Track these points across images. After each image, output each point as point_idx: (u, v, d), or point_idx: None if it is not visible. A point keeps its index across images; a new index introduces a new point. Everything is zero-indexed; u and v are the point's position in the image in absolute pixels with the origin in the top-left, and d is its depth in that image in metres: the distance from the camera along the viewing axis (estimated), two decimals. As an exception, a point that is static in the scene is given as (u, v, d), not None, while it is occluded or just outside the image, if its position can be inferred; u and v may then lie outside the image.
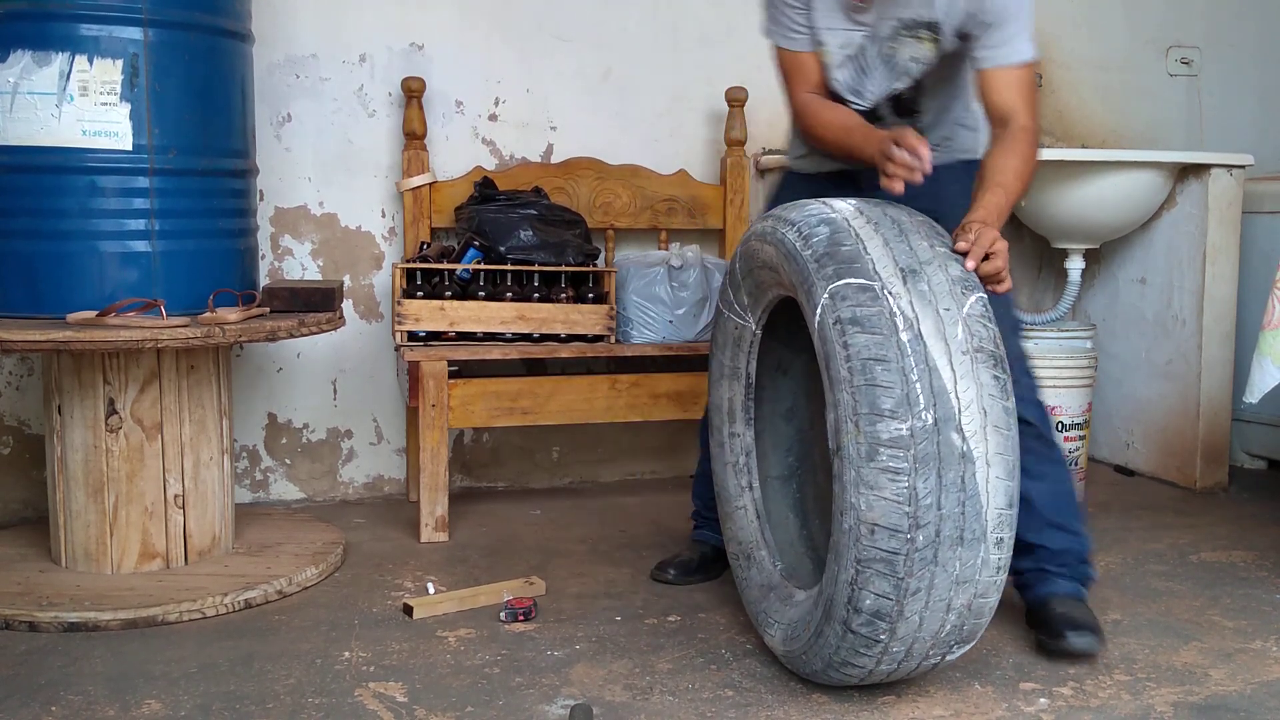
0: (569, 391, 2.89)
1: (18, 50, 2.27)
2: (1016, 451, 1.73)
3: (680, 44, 3.34)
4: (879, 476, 1.66)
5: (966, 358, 1.71)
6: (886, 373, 1.66)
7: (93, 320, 2.25)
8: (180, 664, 2.04)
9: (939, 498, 1.66)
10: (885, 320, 1.69)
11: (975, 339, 1.73)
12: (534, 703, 1.90)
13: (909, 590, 1.68)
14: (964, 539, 1.69)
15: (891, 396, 1.66)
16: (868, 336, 1.69)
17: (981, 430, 1.69)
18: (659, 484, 3.41)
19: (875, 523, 1.66)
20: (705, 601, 2.38)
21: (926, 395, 1.66)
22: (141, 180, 2.34)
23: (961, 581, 1.71)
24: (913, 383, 1.67)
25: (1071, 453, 3.20)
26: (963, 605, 1.74)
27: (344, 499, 3.21)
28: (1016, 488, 1.74)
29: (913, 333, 1.69)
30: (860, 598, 1.71)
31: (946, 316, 1.72)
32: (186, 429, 2.47)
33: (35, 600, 2.26)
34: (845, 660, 1.80)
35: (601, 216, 3.21)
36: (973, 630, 1.80)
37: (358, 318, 3.17)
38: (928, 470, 1.65)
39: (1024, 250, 3.71)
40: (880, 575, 1.68)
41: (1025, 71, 2.04)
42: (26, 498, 2.98)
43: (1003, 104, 2.02)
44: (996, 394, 1.71)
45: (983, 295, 1.79)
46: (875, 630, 1.73)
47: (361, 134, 3.12)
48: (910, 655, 1.79)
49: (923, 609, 1.71)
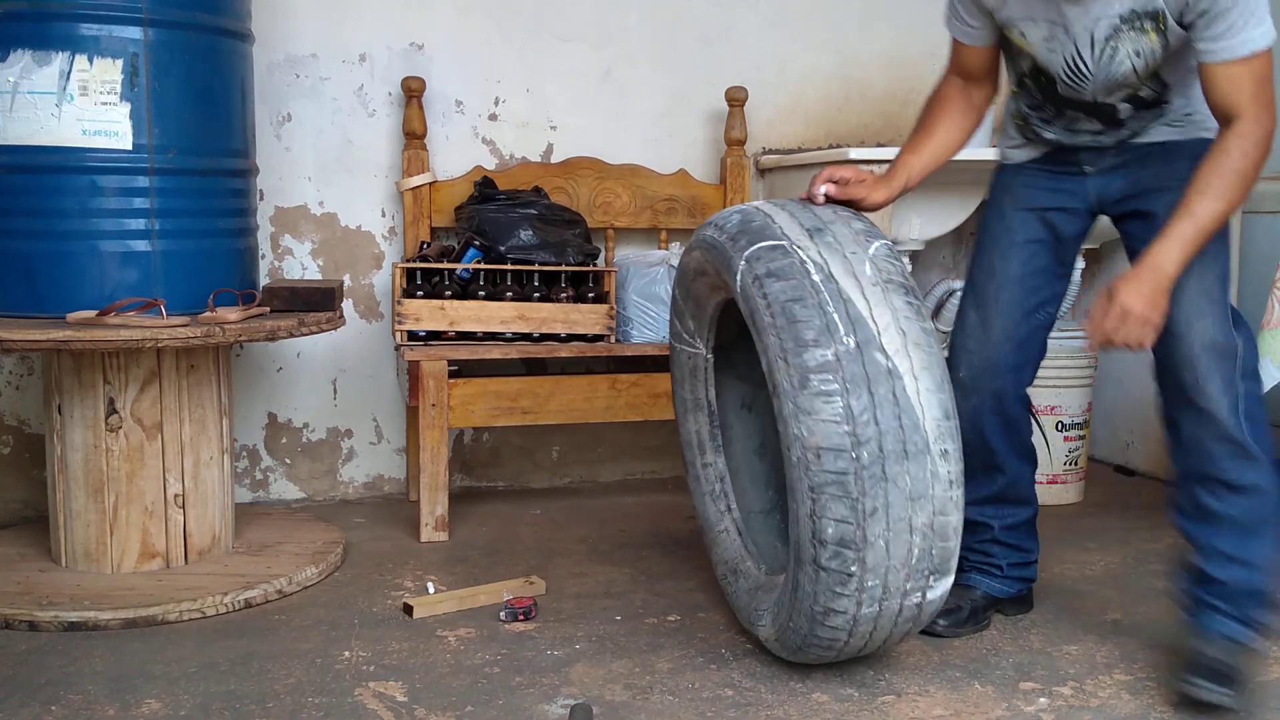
0: (569, 391, 2.89)
1: (18, 50, 2.27)
2: (943, 366, 1.82)
3: (680, 44, 3.34)
4: (814, 401, 1.74)
5: (877, 289, 1.82)
6: (804, 309, 1.78)
7: (93, 320, 2.25)
8: (180, 664, 2.04)
9: (874, 414, 1.74)
10: (797, 268, 1.82)
11: (883, 273, 1.85)
12: (534, 702, 1.90)
13: (866, 511, 1.73)
14: (908, 452, 1.75)
15: (812, 328, 1.77)
16: (783, 283, 1.81)
17: (903, 348, 1.78)
18: (659, 484, 3.41)
19: (820, 446, 1.73)
20: (705, 601, 2.38)
21: (845, 323, 1.77)
22: (141, 180, 2.34)
23: (916, 497, 1.76)
24: (830, 314, 1.78)
25: (1071, 453, 3.20)
26: (924, 525, 1.77)
27: (344, 499, 3.21)
28: (950, 400, 1.81)
29: (824, 274, 1.82)
30: (822, 528, 1.74)
31: (854, 259, 1.86)
32: (186, 428, 2.47)
33: (35, 600, 2.26)
34: (827, 608, 1.80)
35: (601, 216, 3.21)
36: (943, 556, 1.81)
37: (358, 317, 3.17)
38: (859, 388, 1.74)
39: (1024, 250, 3.71)
40: (835, 499, 1.73)
41: (1253, 65, 1.80)
42: (26, 497, 2.98)
43: (1224, 102, 1.82)
44: (912, 316, 1.82)
45: (886, 242, 1.93)
46: (844, 561, 1.75)
47: (361, 134, 3.13)
48: (889, 591, 1.79)
49: (885, 531, 1.75)
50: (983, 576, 2.28)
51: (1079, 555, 2.74)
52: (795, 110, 3.45)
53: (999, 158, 2.24)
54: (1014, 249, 2.14)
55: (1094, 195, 2.10)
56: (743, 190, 3.31)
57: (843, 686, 1.97)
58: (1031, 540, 2.32)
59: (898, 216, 3.05)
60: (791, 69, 3.44)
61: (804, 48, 3.44)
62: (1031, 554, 2.32)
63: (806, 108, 3.47)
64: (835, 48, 3.47)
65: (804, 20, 3.43)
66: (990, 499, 2.25)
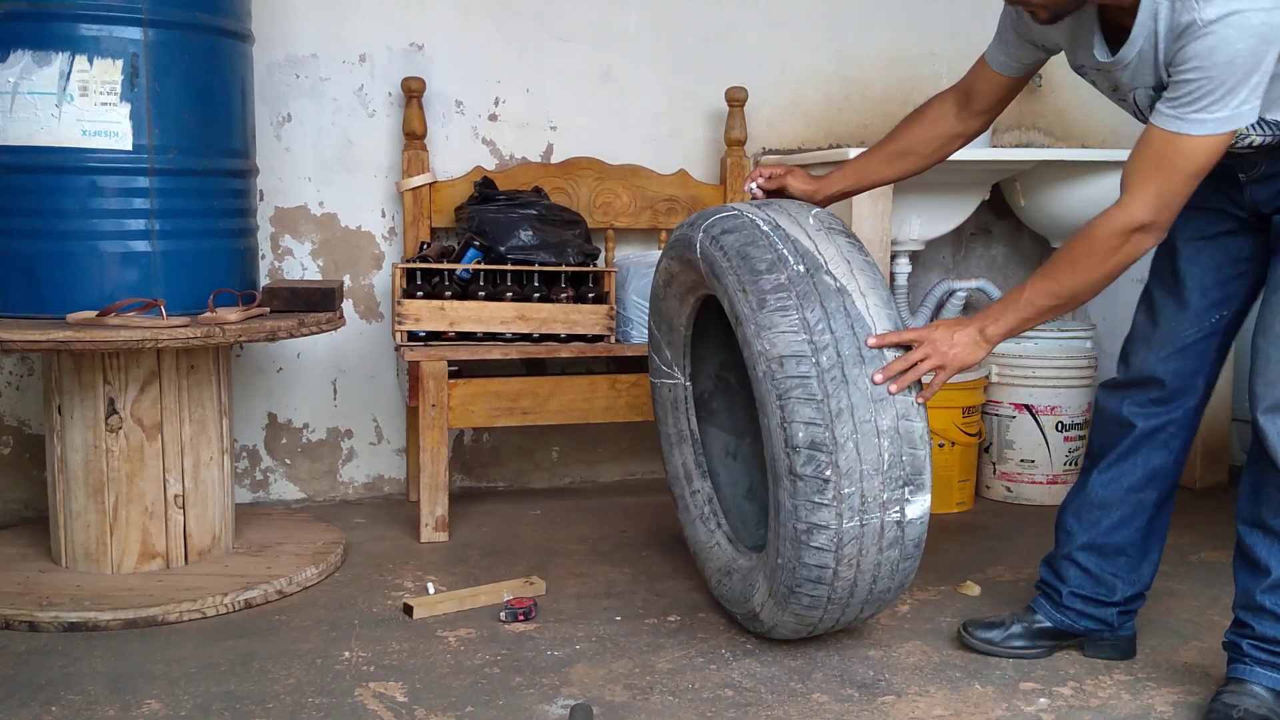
0: (569, 391, 2.89)
1: (18, 50, 2.26)
2: (887, 289, 1.96)
3: (680, 44, 3.34)
4: (772, 316, 1.87)
5: (821, 232, 1.99)
6: (756, 249, 1.95)
7: (93, 320, 2.25)
8: (180, 664, 2.05)
9: (829, 323, 1.87)
10: (748, 224, 2.00)
11: (824, 223, 2.02)
12: (534, 702, 1.90)
13: (833, 412, 1.82)
14: (864, 357, 1.86)
15: (764, 261, 1.93)
16: (735, 235, 1.98)
17: (849, 272, 1.93)
18: (659, 484, 3.41)
19: (782, 355, 1.85)
20: (705, 601, 2.38)
21: (794, 255, 1.93)
22: (141, 180, 2.34)
23: (877, 400, 1.84)
24: (779, 249, 1.94)
25: (1071, 453, 3.20)
26: (889, 428, 1.84)
27: (344, 499, 3.21)
28: (899, 316, 1.94)
29: (772, 224, 1.99)
30: (793, 433, 1.83)
31: (798, 215, 2.03)
32: (186, 429, 2.47)
33: (35, 600, 2.26)
34: (810, 524, 1.84)
35: (601, 216, 3.21)
36: (915, 468, 1.86)
37: (358, 318, 3.17)
38: (812, 302, 1.88)
39: (1024, 250, 3.71)
40: (802, 401, 1.82)
41: (1172, 144, 1.65)
42: (26, 498, 2.98)
43: (1126, 169, 1.73)
44: (854, 250, 1.98)
45: (828, 210, 2.10)
46: (818, 466, 1.81)
47: (361, 134, 3.13)
48: (866, 503, 1.83)
49: (853, 432, 1.82)
50: (1043, 600, 2.12)
51: (1079, 555, 2.74)
52: (795, 110, 3.45)
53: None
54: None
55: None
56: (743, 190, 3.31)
57: (843, 687, 1.97)
58: (1120, 575, 2.05)
59: (898, 216, 3.05)
60: (791, 69, 3.44)
61: (804, 48, 3.44)
62: (1113, 593, 2.05)
63: (806, 108, 3.47)
64: (835, 48, 3.47)
65: (804, 20, 3.43)
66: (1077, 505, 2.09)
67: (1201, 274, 1.93)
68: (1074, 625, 2.08)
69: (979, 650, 2.10)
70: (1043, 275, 1.82)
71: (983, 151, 3.21)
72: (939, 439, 3.05)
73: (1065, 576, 2.08)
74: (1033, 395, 3.19)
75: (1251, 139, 1.73)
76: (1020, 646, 2.09)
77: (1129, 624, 2.11)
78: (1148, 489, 2.03)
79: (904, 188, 2.80)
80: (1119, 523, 2.04)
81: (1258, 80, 1.60)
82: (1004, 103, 2.06)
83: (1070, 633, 2.10)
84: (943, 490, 3.10)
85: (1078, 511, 2.08)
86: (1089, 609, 2.07)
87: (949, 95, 2.09)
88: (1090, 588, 2.06)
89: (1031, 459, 3.20)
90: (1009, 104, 2.09)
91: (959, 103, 2.07)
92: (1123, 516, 2.03)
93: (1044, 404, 3.17)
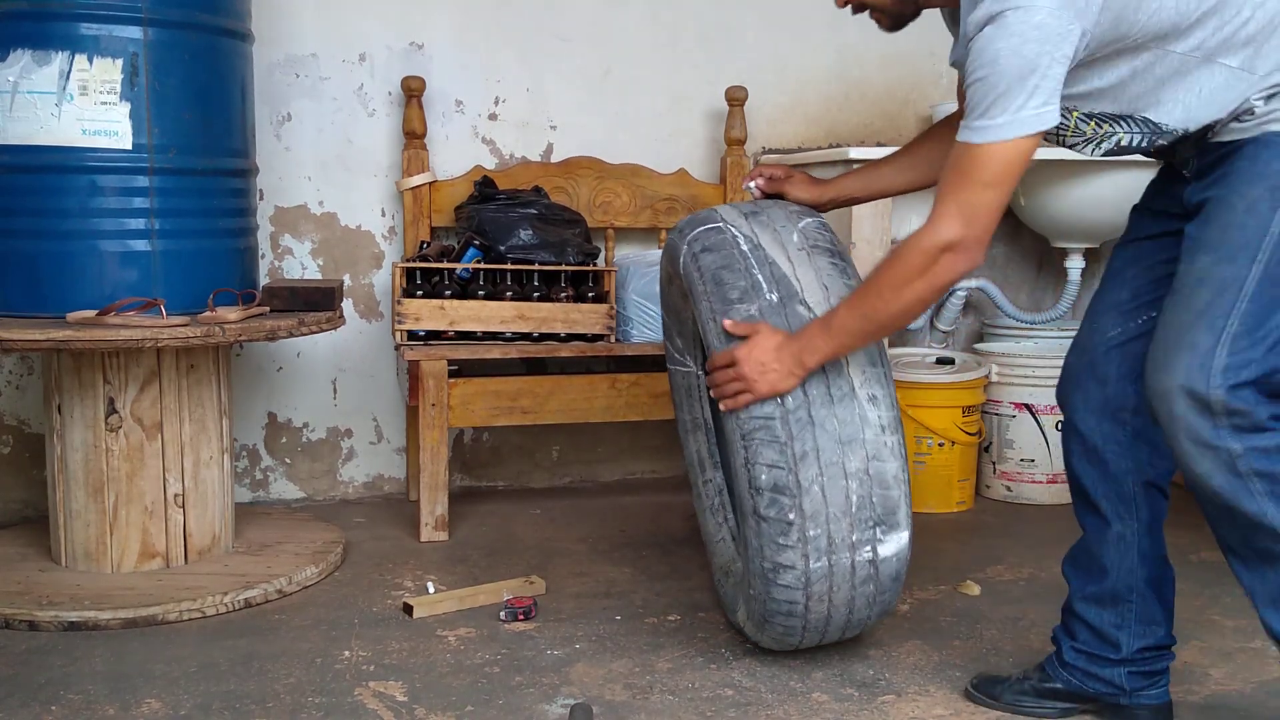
0: (569, 391, 2.89)
1: (18, 49, 2.26)
2: None
3: (680, 44, 3.34)
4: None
5: (803, 253, 1.92)
6: (731, 274, 1.89)
7: (93, 319, 2.25)
8: (180, 663, 2.04)
9: None
10: (729, 242, 1.94)
11: (810, 240, 1.94)
12: (534, 702, 1.90)
13: (796, 455, 1.78)
14: (833, 396, 1.81)
15: (737, 289, 1.87)
16: (714, 255, 1.93)
17: (826, 301, 1.86)
18: (659, 484, 3.41)
19: None
20: (705, 601, 2.38)
21: (769, 282, 1.87)
22: (141, 180, 2.34)
23: (846, 441, 1.80)
24: (754, 275, 1.88)
25: (1071, 452, 3.20)
26: (859, 470, 1.80)
27: (344, 498, 3.21)
28: (877, 350, 1.86)
29: (752, 244, 1.93)
30: (756, 474, 1.79)
31: (783, 231, 1.96)
32: (186, 428, 2.47)
33: (35, 600, 2.26)
34: (775, 563, 1.82)
35: (601, 216, 3.21)
36: (887, 508, 1.81)
37: (358, 317, 3.17)
38: None
39: (1024, 249, 3.71)
40: (765, 444, 1.79)
41: (972, 154, 1.57)
42: (26, 497, 2.98)
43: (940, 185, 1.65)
44: (836, 274, 1.91)
45: (821, 219, 2.00)
46: (781, 508, 1.78)
47: (361, 133, 3.12)
48: (834, 543, 1.80)
49: (818, 475, 1.78)
50: (1052, 656, 1.90)
51: (1079, 555, 2.74)
52: (795, 110, 3.45)
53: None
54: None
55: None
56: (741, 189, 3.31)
57: (843, 686, 1.97)
58: (1123, 625, 1.82)
59: (897, 216, 3.05)
60: (791, 69, 3.44)
61: (804, 48, 3.44)
62: (1118, 649, 1.82)
63: (806, 107, 3.47)
64: (835, 48, 3.47)
65: (804, 20, 3.43)
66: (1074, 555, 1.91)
67: (1136, 273, 1.79)
68: (1082, 687, 1.85)
69: (985, 705, 1.91)
70: (853, 299, 1.74)
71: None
72: (939, 438, 3.05)
73: (1072, 630, 1.86)
74: (1033, 395, 3.18)
75: (1119, 137, 1.66)
76: (1029, 706, 1.88)
77: (1153, 689, 1.83)
78: (1122, 523, 1.83)
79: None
80: (1104, 568, 1.82)
81: (1037, 84, 1.51)
82: None
83: (1082, 695, 1.86)
84: (943, 490, 3.10)
85: (1073, 557, 1.89)
86: (1093, 668, 1.83)
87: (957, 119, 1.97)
88: (1094, 644, 1.83)
89: (1031, 458, 3.20)
90: None
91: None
92: (1104, 563, 1.83)
93: (1044, 403, 3.17)
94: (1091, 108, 1.66)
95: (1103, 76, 1.61)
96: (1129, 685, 1.82)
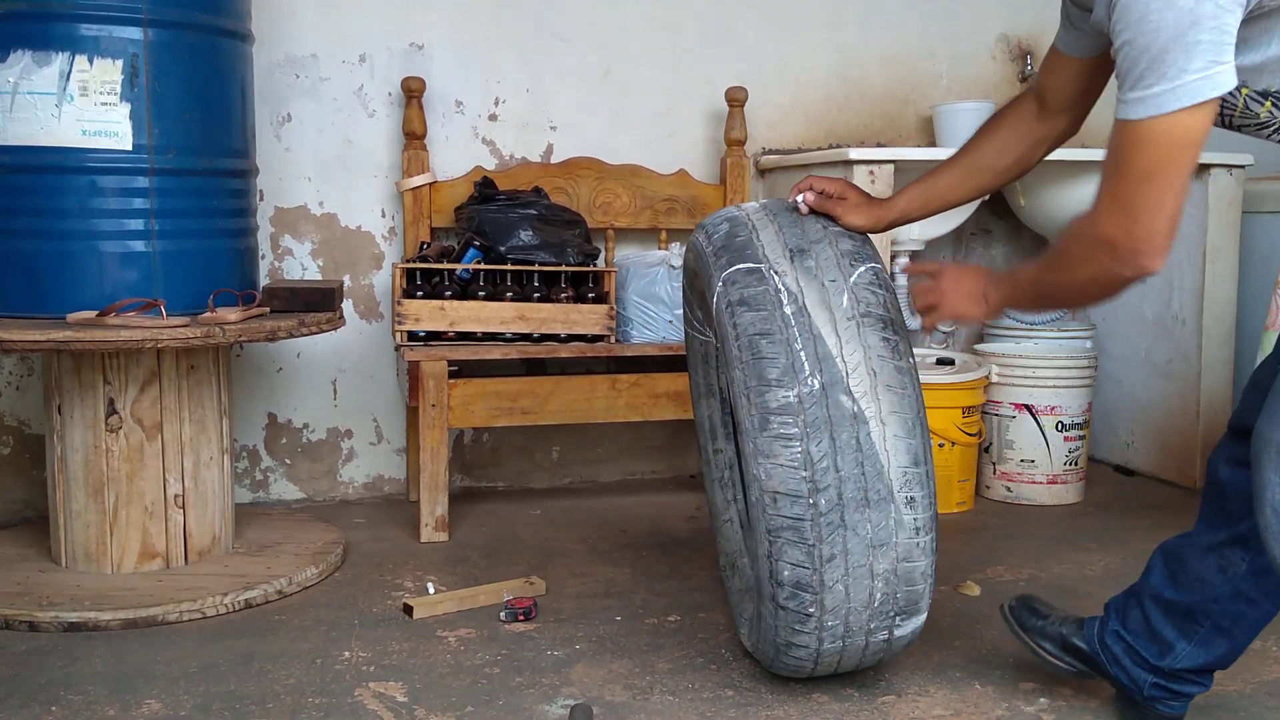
0: (569, 391, 2.89)
1: (18, 50, 2.26)
2: (916, 409, 1.75)
3: (680, 44, 3.34)
4: (773, 444, 1.70)
5: (852, 323, 1.76)
6: (771, 345, 1.73)
7: (93, 320, 2.25)
8: (180, 664, 2.04)
9: (835, 460, 1.70)
10: (770, 297, 1.76)
11: (862, 305, 1.78)
12: (534, 702, 1.90)
13: (823, 557, 1.70)
14: (869, 500, 1.71)
15: (777, 366, 1.72)
16: (753, 314, 1.75)
17: (871, 390, 1.73)
18: (659, 484, 3.41)
19: (776, 491, 1.70)
20: (705, 601, 2.38)
21: (812, 362, 1.72)
22: (141, 180, 2.34)
23: (877, 545, 1.72)
24: (796, 351, 1.72)
25: (1071, 453, 3.20)
26: (886, 570, 1.74)
27: (344, 499, 3.21)
28: (921, 445, 1.73)
29: (796, 305, 1.76)
30: (779, 570, 1.73)
31: (832, 288, 1.79)
32: (186, 429, 2.47)
33: (35, 600, 2.26)
34: (789, 641, 1.80)
35: (601, 216, 3.21)
36: (910, 600, 1.78)
37: (358, 318, 3.17)
38: (819, 434, 1.69)
39: (1024, 250, 3.71)
40: (791, 544, 1.71)
41: (1130, 134, 1.35)
42: (26, 498, 2.98)
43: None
44: (886, 355, 1.75)
45: (875, 265, 1.82)
46: (801, 603, 1.74)
47: (361, 134, 3.12)
48: (850, 631, 1.78)
49: (843, 576, 1.72)
50: (1098, 620, 1.84)
51: (1079, 555, 2.74)
52: (795, 110, 3.45)
53: None
54: None
55: None
56: (743, 190, 3.31)
57: (843, 686, 1.97)
58: (1184, 636, 1.73)
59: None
60: (791, 69, 3.44)
61: (804, 48, 3.44)
62: (1163, 656, 1.74)
63: (806, 108, 3.47)
64: (835, 48, 3.47)
65: (804, 20, 3.43)
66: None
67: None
68: (1106, 668, 1.80)
69: (1009, 628, 1.91)
70: (1040, 263, 1.61)
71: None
72: (939, 439, 3.05)
73: (1127, 616, 1.78)
74: (1033, 395, 3.18)
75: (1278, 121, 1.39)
76: (1048, 651, 1.87)
77: (1173, 702, 1.77)
78: (1234, 550, 1.66)
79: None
80: (1194, 581, 1.69)
81: (1199, 39, 1.26)
82: (1088, 93, 1.73)
83: (1102, 672, 1.82)
84: (943, 490, 3.10)
85: (1171, 553, 1.75)
86: (1126, 659, 1.77)
87: (1026, 97, 1.81)
88: (1142, 642, 1.76)
89: (1031, 459, 3.20)
90: (1095, 96, 1.74)
91: (1036, 103, 1.79)
92: (1198, 575, 1.69)
93: (1044, 404, 3.17)
94: (1267, 84, 1.38)
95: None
96: (1150, 692, 1.77)
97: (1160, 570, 1.76)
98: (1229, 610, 1.68)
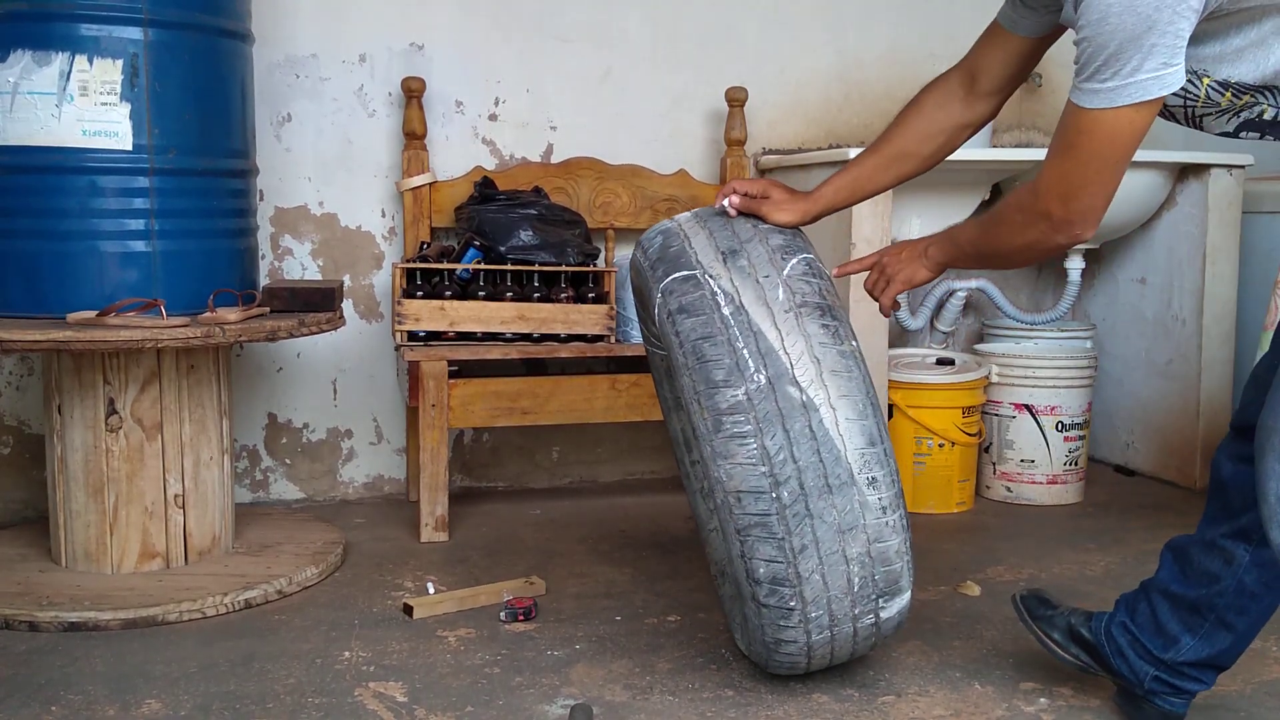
0: (569, 391, 2.89)
1: (18, 50, 2.26)
2: (865, 390, 1.76)
3: (680, 44, 3.34)
4: (729, 444, 1.71)
5: (790, 315, 1.77)
6: (713, 347, 1.74)
7: (93, 320, 2.25)
8: (180, 664, 2.05)
9: (791, 451, 1.70)
10: (707, 301, 1.78)
11: (798, 296, 1.79)
12: (534, 702, 1.90)
13: (795, 549, 1.71)
14: (831, 486, 1.71)
15: (722, 367, 1.73)
16: (693, 319, 1.77)
17: (818, 378, 1.73)
18: (659, 484, 3.41)
19: (739, 490, 1.71)
20: (705, 602, 2.38)
21: (755, 358, 1.73)
22: (141, 180, 2.34)
23: (846, 529, 1.72)
24: (739, 350, 1.73)
25: (1071, 453, 3.20)
26: (860, 554, 1.74)
27: (344, 499, 3.21)
28: (875, 425, 1.74)
29: (734, 305, 1.77)
30: (754, 568, 1.74)
31: (767, 283, 1.80)
32: (186, 429, 2.47)
33: (35, 600, 2.26)
34: (777, 638, 1.80)
35: (601, 216, 3.21)
36: (890, 580, 1.78)
37: (358, 318, 3.17)
38: (773, 427, 1.70)
39: (1024, 250, 3.71)
40: (761, 540, 1.72)
41: (1079, 121, 1.42)
42: (26, 498, 2.98)
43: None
44: (828, 341, 1.76)
45: (806, 255, 1.85)
46: (781, 598, 1.74)
47: (361, 134, 3.12)
48: (836, 619, 1.78)
49: (818, 565, 1.73)
50: (1106, 612, 1.85)
51: (1079, 555, 2.74)
52: (795, 110, 3.45)
53: None
54: None
55: None
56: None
57: (843, 686, 1.97)
58: (1188, 629, 1.74)
59: (897, 216, 3.05)
60: (791, 69, 3.44)
61: (804, 48, 3.44)
62: (1165, 649, 1.75)
63: (806, 108, 3.47)
64: (835, 48, 3.47)
65: (804, 20, 3.43)
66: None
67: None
68: (1109, 660, 1.81)
69: (1018, 616, 1.93)
70: (979, 222, 1.68)
71: (983, 151, 3.21)
72: (939, 439, 3.05)
73: (1135, 609, 1.79)
74: (1033, 395, 3.18)
75: (1262, 108, 1.45)
76: (1054, 641, 1.87)
77: (1174, 698, 1.78)
78: (1236, 544, 1.68)
79: (903, 188, 2.79)
80: (1200, 576, 1.71)
81: (1155, 42, 1.33)
82: (1017, 78, 1.78)
83: (1105, 665, 1.82)
84: (943, 490, 3.10)
85: (1180, 550, 1.76)
86: (1130, 651, 1.78)
87: (950, 78, 1.82)
88: (1148, 634, 1.77)
89: (1031, 459, 3.20)
90: (1021, 81, 1.80)
91: (964, 84, 1.80)
92: (1204, 570, 1.71)
93: (1044, 404, 3.17)
94: (1227, 74, 1.44)
95: (1242, 33, 1.39)
96: (1151, 685, 1.78)
97: (1169, 565, 1.77)
98: (1233, 604, 1.70)
